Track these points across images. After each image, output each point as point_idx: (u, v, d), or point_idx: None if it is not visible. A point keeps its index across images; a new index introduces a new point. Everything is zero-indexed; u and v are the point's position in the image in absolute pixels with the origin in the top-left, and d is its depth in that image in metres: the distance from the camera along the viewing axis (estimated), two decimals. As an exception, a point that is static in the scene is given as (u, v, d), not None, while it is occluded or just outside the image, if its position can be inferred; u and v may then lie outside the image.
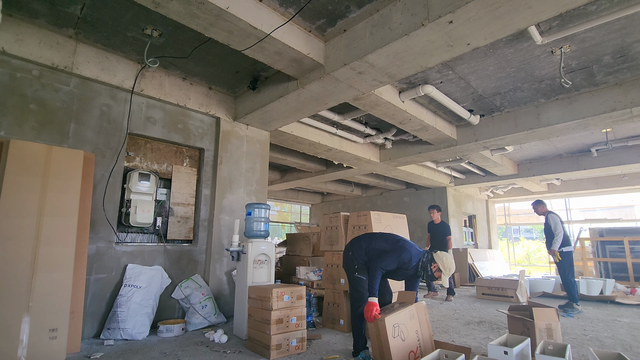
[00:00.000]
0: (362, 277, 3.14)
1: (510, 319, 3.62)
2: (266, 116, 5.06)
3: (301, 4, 3.33)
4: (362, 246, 3.28)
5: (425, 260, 3.15)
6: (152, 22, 3.66)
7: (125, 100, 4.28)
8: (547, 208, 5.90)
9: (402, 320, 2.92)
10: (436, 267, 3.11)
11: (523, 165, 9.51)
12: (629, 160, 7.88)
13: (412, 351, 2.91)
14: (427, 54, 3.38)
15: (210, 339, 3.66)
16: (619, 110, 4.90)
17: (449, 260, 3.11)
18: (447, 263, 3.10)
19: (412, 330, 2.99)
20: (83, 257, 3.51)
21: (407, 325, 2.96)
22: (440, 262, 3.10)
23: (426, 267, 3.13)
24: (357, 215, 4.34)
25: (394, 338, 2.78)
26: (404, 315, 2.96)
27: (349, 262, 3.30)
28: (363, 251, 3.24)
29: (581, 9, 3.36)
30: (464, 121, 6.28)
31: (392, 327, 2.80)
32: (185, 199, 4.80)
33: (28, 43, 3.60)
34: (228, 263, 4.86)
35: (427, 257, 3.16)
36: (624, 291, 6.90)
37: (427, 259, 3.15)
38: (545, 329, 3.27)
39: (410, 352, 2.89)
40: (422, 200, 11.13)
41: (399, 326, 2.87)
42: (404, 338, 2.87)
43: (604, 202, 17.50)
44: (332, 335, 3.92)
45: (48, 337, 2.92)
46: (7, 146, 3.15)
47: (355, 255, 3.25)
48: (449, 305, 5.85)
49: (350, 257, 3.29)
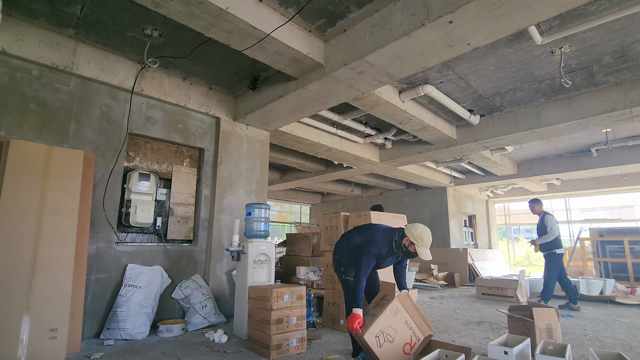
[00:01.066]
0: (350, 279, 3.08)
1: (510, 319, 3.62)
2: (266, 116, 5.06)
3: (301, 4, 3.33)
4: (344, 245, 3.22)
5: (398, 239, 2.95)
6: (152, 22, 3.66)
7: (125, 100, 4.28)
8: (543, 208, 5.93)
9: (385, 323, 2.85)
10: (407, 241, 2.89)
11: (523, 165, 9.52)
12: (629, 160, 7.88)
13: (406, 343, 2.90)
14: (427, 54, 3.38)
15: (210, 339, 3.66)
16: (619, 110, 4.90)
17: (419, 230, 2.86)
18: (417, 233, 2.84)
19: (400, 325, 2.93)
20: (83, 257, 3.51)
21: (393, 324, 2.90)
22: (409, 234, 2.87)
23: (400, 245, 2.93)
24: (357, 215, 4.33)
25: (380, 347, 2.75)
26: (386, 316, 2.87)
27: (335, 265, 3.28)
28: (347, 250, 3.17)
29: (581, 9, 3.36)
30: (464, 121, 6.28)
31: (374, 339, 2.75)
32: (185, 199, 4.80)
33: (28, 43, 3.60)
34: (228, 263, 4.86)
35: (399, 234, 2.96)
36: (624, 291, 6.89)
37: (398, 236, 2.95)
38: (545, 329, 3.27)
39: (404, 345, 2.88)
40: (422, 200, 11.14)
41: (382, 333, 2.81)
42: (392, 339, 2.84)
43: (604, 202, 17.51)
44: (332, 335, 3.92)
45: (48, 337, 2.92)
46: (7, 146, 3.15)
47: (340, 256, 3.21)
48: (449, 305, 5.85)
49: (336, 260, 3.25)
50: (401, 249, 2.94)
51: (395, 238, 2.98)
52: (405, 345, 2.89)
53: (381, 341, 2.78)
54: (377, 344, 2.76)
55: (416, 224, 2.94)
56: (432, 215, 10.76)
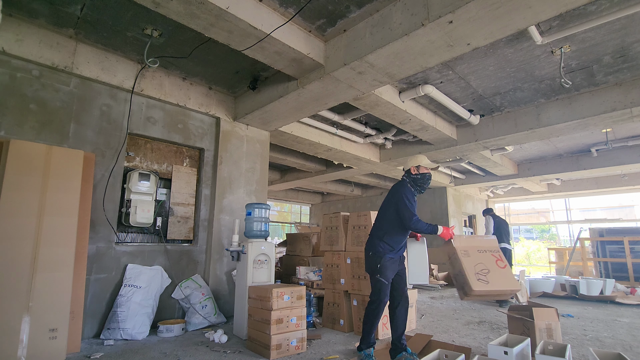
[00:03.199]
0: (384, 281, 2.98)
1: (510, 318, 3.62)
2: (266, 116, 5.06)
3: (301, 4, 3.33)
4: (377, 234, 3.12)
5: (409, 178, 3.19)
6: (152, 22, 3.66)
7: (125, 100, 4.28)
8: (489, 213, 6.71)
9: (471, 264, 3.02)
10: (414, 169, 3.18)
11: (523, 165, 9.51)
12: (629, 160, 7.88)
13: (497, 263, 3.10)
14: (427, 54, 3.38)
15: (210, 339, 3.66)
16: (619, 110, 4.90)
17: (412, 157, 3.22)
18: (413, 158, 3.20)
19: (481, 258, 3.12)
20: (83, 257, 3.51)
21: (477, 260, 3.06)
22: (411, 164, 3.21)
23: (414, 178, 3.17)
24: (357, 215, 4.33)
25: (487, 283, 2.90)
26: (465, 261, 3.03)
27: (370, 263, 3.11)
28: (382, 232, 3.09)
29: (581, 9, 3.36)
30: (464, 121, 6.28)
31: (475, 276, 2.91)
32: (185, 199, 4.80)
33: (28, 43, 3.60)
34: (228, 263, 4.85)
35: (407, 176, 3.22)
36: (624, 291, 6.90)
37: (408, 177, 3.21)
38: (545, 328, 3.27)
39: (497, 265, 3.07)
40: (422, 200, 11.12)
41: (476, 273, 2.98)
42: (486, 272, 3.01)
43: (604, 202, 17.49)
44: (332, 335, 3.92)
45: (48, 337, 2.92)
46: (7, 146, 3.15)
47: (377, 248, 3.06)
48: (449, 305, 5.85)
49: (370, 257, 3.10)
50: (416, 180, 3.17)
51: (408, 180, 3.20)
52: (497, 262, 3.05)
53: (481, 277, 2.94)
54: (479, 281, 2.89)
55: (407, 158, 3.09)
56: (432, 215, 10.76)
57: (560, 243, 17.37)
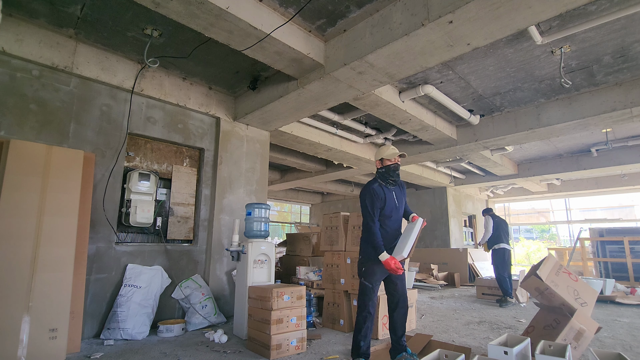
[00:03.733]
0: (367, 284, 2.96)
1: (542, 307, 3.46)
2: (266, 116, 5.06)
3: (301, 4, 3.33)
4: (362, 238, 3.10)
5: (377, 173, 3.14)
6: (152, 22, 3.66)
7: (125, 100, 4.28)
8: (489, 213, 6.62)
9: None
10: (379, 163, 3.13)
11: (523, 165, 9.52)
12: (629, 160, 7.88)
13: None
14: (427, 54, 3.38)
15: (210, 339, 3.66)
16: (619, 110, 4.90)
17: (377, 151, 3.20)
18: (377, 151, 3.16)
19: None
20: (83, 257, 3.51)
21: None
22: (375, 159, 3.17)
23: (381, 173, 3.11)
24: (357, 215, 4.32)
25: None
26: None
27: (358, 266, 3.11)
28: (364, 241, 3.05)
29: (581, 9, 3.36)
30: (464, 121, 6.28)
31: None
32: (185, 199, 4.80)
33: (28, 43, 3.60)
34: (228, 263, 4.86)
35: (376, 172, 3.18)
36: (624, 291, 6.89)
37: (376, 172, 3.17)
38: (577, 330, 3.03)
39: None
40: (422, 200, 11.14)
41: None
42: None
43: (604, 202, 17.48)
44: (332, 335, 3.92)
45: (48, 337, 2.92)
46: (7, 146, 3.15)
47: (362, 254, 3.06)
48: (449, 305, 5.85)
49: (359, 260, 3.10)
50: (383, 174, 3.09)
51: (377, 176, 3.14)
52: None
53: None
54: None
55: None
56: (432, 215, 10.77)
57: (560, 243, 17.39)
